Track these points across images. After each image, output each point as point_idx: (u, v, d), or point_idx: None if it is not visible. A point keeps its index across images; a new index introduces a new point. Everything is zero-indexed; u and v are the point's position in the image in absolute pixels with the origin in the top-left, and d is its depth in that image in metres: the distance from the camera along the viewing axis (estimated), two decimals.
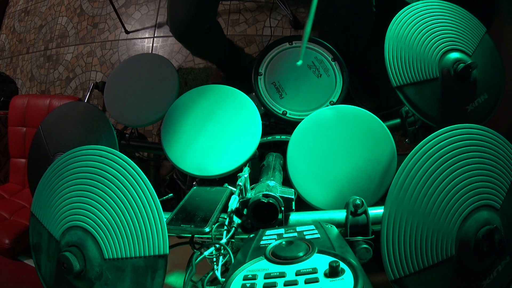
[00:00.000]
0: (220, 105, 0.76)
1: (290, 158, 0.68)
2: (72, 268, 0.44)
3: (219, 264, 0.44)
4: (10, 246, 1.22)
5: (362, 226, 0.50)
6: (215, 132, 0.74)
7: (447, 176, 0.45)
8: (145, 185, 0.47)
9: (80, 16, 1.89)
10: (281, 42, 0.88)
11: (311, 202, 0.65)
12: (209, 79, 1.56)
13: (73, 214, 0.48)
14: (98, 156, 0.50)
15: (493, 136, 0.48)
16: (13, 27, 2.10)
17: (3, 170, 1.59)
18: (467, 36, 0.69)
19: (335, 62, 0.86)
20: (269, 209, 0.50)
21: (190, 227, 0.47)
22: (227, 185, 0.59)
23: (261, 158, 0.76)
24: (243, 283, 0.29)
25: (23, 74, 1.97)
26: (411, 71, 0.66)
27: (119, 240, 0.46)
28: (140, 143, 1.06)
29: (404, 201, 0.44)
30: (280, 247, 0.34)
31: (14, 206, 1.40)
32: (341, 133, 0.68)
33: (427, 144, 0.46)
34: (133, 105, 0.86)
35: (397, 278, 0.43)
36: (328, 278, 0.28)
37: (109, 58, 1.76)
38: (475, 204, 0.45)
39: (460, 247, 0.44)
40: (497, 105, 0.70)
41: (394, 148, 0.66)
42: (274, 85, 0.85)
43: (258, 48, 1.55)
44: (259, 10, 1.60)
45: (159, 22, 1.72)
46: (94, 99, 1.73)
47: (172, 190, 1.28)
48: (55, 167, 0.52)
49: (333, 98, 0.83)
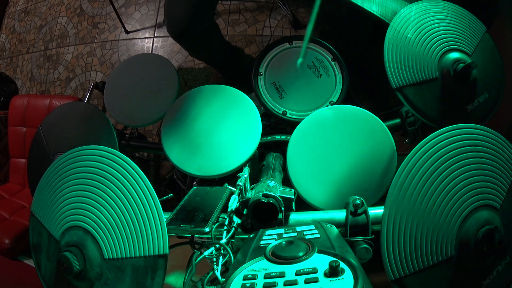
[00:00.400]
0: (220, 105, 0.76)
1: (290, 158, 0.68)
2: (72, 268, 0.44)
3: (219, 264, 0.44)
4: (10, 246, 1.22)
5: (362, 226, 0.50)
6: (215, 132, 0.74)
7: (447, 176, 0.45)
8: (145, 185, 0.47)
9: (80, 16, 1.89)
10: (281, 42, 0.88)
11: (311, 202, 0.65)
12: (209, 79, 1.56)
13: (73, 214, 0.48)
14: (98, 156, 0.50)
15: (493, 136, 0.48)
16: (13, 27, 2.10)
17: (3, 170, 1.59)
18: (467, 36, 0.69)
19: (335, 62, 0.86)
20: (269, 209, 0.50)
21: (190, 227, 0.47)
22: (227, 185, 0.59)
23: (261, 158, 0.76)
24: (243, 283, 0.29)
25: (23, 74, 1.97)
26: (411, 71, 0.66)
27: (119, 240, 0.46)
28: (140, 143, 1.06)
29: (404, 201, 0.44)
30: (280, 247, 0.34)
31: (14, 206, 1.40)
32: (341, 133, 0.68)
33: (427, 144, 0.46)
34: (133, 105, 0.86)
35: (397, 278, 0.43)
36: (328, 278, 0.28)
37: (109, 58, 1.76)
38: (475, 204, 0.45)
39: (460, 247, 0.44)
40: (497, 105, 0.70)
41: (394, 148, 0.66)
42: (274, 85, 0.85)
43: (258, 48, 1.55)
44: (259, 10, 1.60)
45: (159, 22, 1.72)
46: (94, 99, 1.73)
47: (172, 190, 1.28)
48: (55, 167, 0.52)
49: (333, 98, 0.83)
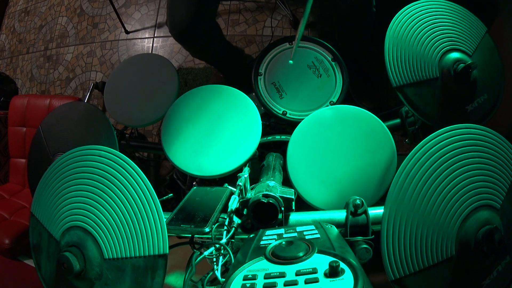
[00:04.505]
0: (220, 105, 0.76)
1: (290, 158, 0.68)
2: (72, 268, 0.44)
3: (219, 264, 0.44)
4: (10, 246, 1.22)
5: (362, 226, 0.50)
6: (215, 132, 0.74)
7: (447, 176, 0.45)
8: (145, 185, 0.47)
9: (80, 16, 1.89)
10: (281, 42, 0.88)
11: (311, 202, 0.65)
12: (209, 79, 1.56)
13: (73, 214, 0.48)
14: (98, 156, 0.50)
15: (493, 136, 0.48)
16: (13, 27, 2.10)
17: (3, 170, 1.59)
18: (467, 36, 0.69)
19: (335, 62, 0.86)
20: (269, 209, 0.50)
21: (190, 227, 0.47)
22: (227, 185, 0.59)
23: (261, 158, 0.76)
24: (243, 283, 0.29)
25: (23, 74, 1.97)
26: (411, 71, 0.66)
27: (119, 240, 0.46)
28: (140, 143, 1.06)
29: (404, 201, 0.44)
30: (280, 247, 0.34)
31: (14, 206, 1.40)
32: (341, 133, 0.68)
33: (427, 144, 0.46)
34: (133, 105, 0.86)
35: (397, 278, 0.43)
36: (328, 278, 0.28)
37: (109, 58, 1.76)
38: (475, 204, 0.45)
39: (460, 247, 0.44)
40: (497, 105, 0.70)
41: (394, 148, 0.66)
42: (274, 85, 0.85)
43: (258, 48, 1.55)
44: (259, 10, 1.60)
45: (159, 22, 1.72)
46: (94, 99, 1.73)
47: (172, 190, 1.28)
48: (55, 167, 0.52)
49: (333, 98, 0.83)
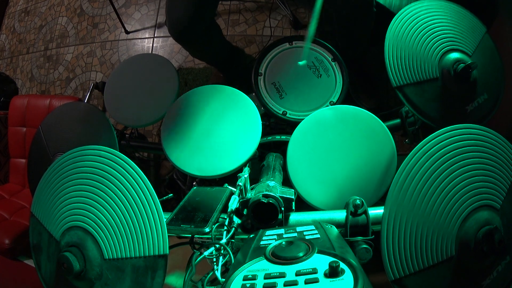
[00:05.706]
0: (220, 105, 0.76)
1: (290, 158, 0.68)
2: (72, 268, 0.44)
3: (219, 264, 0.44)
4: (10, 246, 1.22)
5: (362, 226, 0.50)
6: (215, 132, 0.74)
7: (447, 176, 0.45)
8: (145, 185, 0.47)
9: (80, 16, 1.89)
10: (281, 42, 0.88)
11: (311, 202, 0.65)
12: (209, 79, 1.56)
13: (73, 214, 0.48)
14: (98, 156, 0.50)
15: (493, 136, 0.48)
16: (13, 27, 2.10)
17: (3, 170, 1.59)
18: (467, 36, 0.69)
19: (335, 62, 0.86)
20: (269, 209, 0.50)
21: (190, 227, 0.47)
22: (227, 185, 0.59)
23: (261, 158, 0.76)
24: (243, 283, 0.29)
25: (23, 74, 1.97)
26: (411, 71, 0.66)
27: (119, 240, 0.46)
28: (140, 143, 1.06)
29: (404, 201, 0.44)
30: (280, 247, 0.34)
31: (14, 206, 1.40)
32: (341, 133, 0.68)
33: (427, 144, 0.46)
34: (133, 105, 0.86)
35: (397, 278, 0.43)
36: (328, 279, 0.28)
37: (109, 58, 1.76)
38: (475, 204, 0.45)
39: (460, 247, 0.44)
40: (497, 105, 0.70)
41: (394, 148, 0.66)
42: (274, 85, 0.85)
43: (258, 48, 1.55)
44: (259, 10, 1.60)
45: (159, 22, 1.72)
46: (94, 99, 1.73)
47: (172, 190, 1.28)
48: (55, 167, 0.52)
49: (333, 98, 0.83)
